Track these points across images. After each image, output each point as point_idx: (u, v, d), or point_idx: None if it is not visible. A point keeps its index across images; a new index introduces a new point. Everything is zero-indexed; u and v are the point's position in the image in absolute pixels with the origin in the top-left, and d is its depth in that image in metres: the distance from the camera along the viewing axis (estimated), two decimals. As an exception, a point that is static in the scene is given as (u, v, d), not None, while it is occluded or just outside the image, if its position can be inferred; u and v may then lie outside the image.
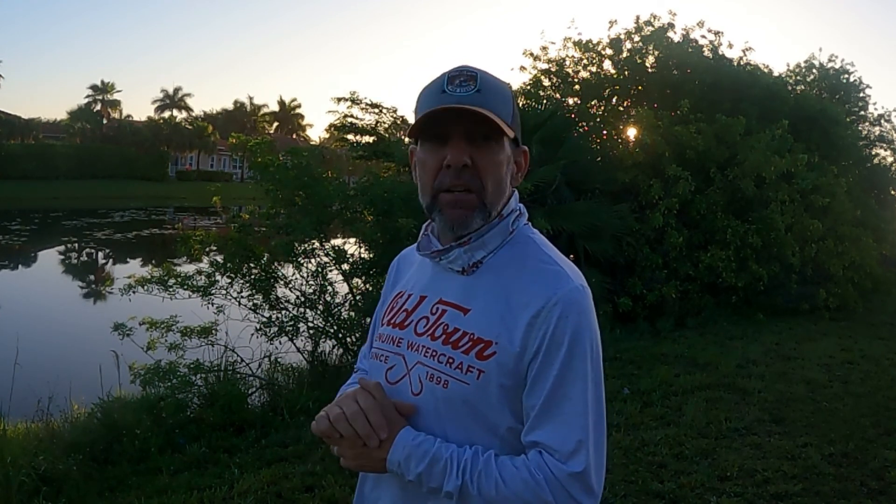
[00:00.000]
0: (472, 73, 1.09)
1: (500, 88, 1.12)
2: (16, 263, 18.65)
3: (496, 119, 1.06)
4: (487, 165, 1.09)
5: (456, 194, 1.09)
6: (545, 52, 11.45)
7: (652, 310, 8.26)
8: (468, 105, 1.05)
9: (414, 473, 1.06)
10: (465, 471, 1.03)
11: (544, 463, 1.03)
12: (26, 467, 3.78)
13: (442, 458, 1.05)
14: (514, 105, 1.14)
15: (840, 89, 16.01)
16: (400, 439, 1.07)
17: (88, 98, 56.11)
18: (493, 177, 1.10)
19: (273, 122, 73.41)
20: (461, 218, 1.10)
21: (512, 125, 1.11)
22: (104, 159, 45.31)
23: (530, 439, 1.06)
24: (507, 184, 1.14)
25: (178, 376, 4.97)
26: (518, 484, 1.02)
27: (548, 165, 7.68)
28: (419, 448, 1.06)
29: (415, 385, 1.12)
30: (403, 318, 1.19)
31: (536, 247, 1.15)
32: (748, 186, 8.76)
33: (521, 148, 1.19)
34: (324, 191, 6.14)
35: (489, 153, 1.09)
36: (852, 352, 7.08)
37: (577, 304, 1.07)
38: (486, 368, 1.07)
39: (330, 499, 3.47)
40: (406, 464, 1.06)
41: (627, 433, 4.42)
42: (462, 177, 1.08)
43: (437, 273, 1.18)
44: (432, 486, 1.05)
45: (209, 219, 19.16)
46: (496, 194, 1.12)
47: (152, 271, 5.83)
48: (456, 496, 1.03)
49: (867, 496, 3.63)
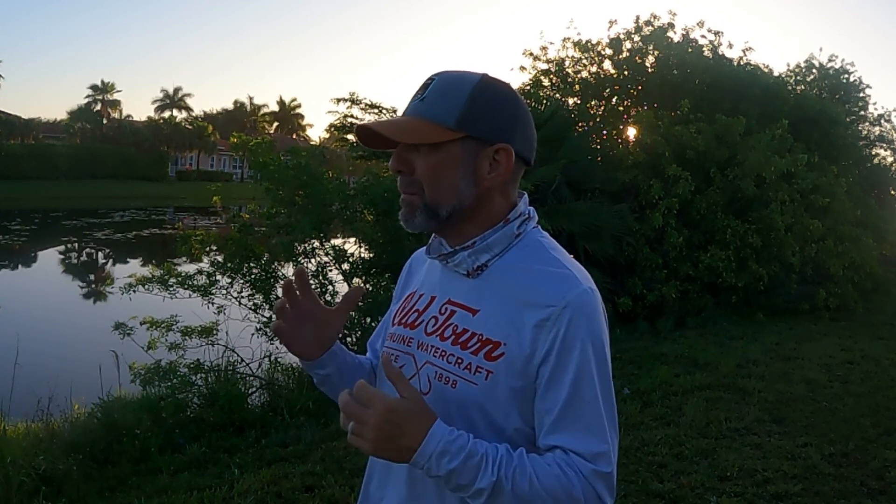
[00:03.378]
0: (430, 81, 1.15)
1: (452, 91, 1.12)
2: (16, 263, 18.65)
3: (414, 130, 1.11)
4: (422, 169, 1.14)
5: (405, 197, 1.16)
6: (545, 52, 11.46)
7: (652, 310, 8.27)
8: (398, 120, 1.14)
9: (445, 469, 1.00)
10: (500, 467, 1.01)
11: (572, 461, 1.04)
12: (26, 467, 3.78)
13: (478, 453, 1.01)
14: (470, 103, 1.11)
15: (840, 89, 16.03)
16: (436, 431, 1.02)
17: (88, 98, 56.29)
18: (429, 179, 1.13)
19: (273, 122, 73.48)
20: (406, 217, 1.16)
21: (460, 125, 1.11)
22: (104, 159, 45.30)
23: (551, 443, 1.05)
24: (456, 184, 1.13)
25: (179, 376, 4.97)
26: (551, 479, 1.02)
27: (548, 165, 7.68)
28: (455, 443, 1.01)
29: (423, 385, 1.13)
30: (415, 319, 1.20)
31: (545, 250, 1.16)
32: (748, 186, 8.76)
33: (494, 145, 1.14)
34: (324, 190, 6.14)
35: (423, 157, 1.13)
36: (852, 352, 7.08)
37: (587, 306, 1.07)
38: (494, 369, 1.07)
39: (330, 499, 3.46)
40: (440, 458, 1.00)
41: (627, 433, 4.42)
42: (403, 181, 1.15)
43: (447, 274, 1.19)
44: (461, 482, 1.01)
45: (209, 219, 19.14)
46: (437, 195, 1.13)
47: (153, 271, 5.84)
48: (488, 493, 1.01)
49: (867, 496, 3.63)
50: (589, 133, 10.09)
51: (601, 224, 7.96)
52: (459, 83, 1.13)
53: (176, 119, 56.38)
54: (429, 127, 1.11)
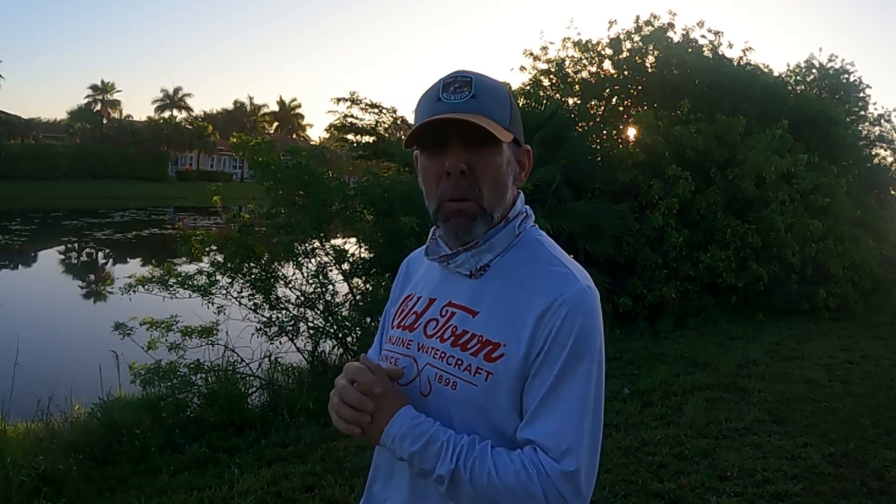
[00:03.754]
0: (467, 79, 1.10)
1: (496, 91, 1.12)
2: (16, 263, 18.65)
3: (491, 124, 1.07)
4: (485, 170, 1.10)
5: (457, 204, 1.10)
6: (545, 52, 11.47)
7: (652, 310, 8.26)
8: (461, 114, 1.06)
9: (408, 452, 1.05)
10: (459, 456, 1.03)
11: (538, 459, 1.03)
12: (26, 467, 3.78)
13: (438, 440, 1.04)
14: (511, 105, 1.14)
15: (840, 89, 16.03)
16: (400, 415, 1.07)
17: (88, 98, 56.27)
18: (491, 181, 1.11)
19: (273, 122, 73.48)
20: (464, 227, 1.11)
21: (510, 126, 1.12)
22: (104, 159, 45.29)
23: (524, 436, 1.06)
24: (508, 186, 1.15)
25: (178, 376, 4.97)
26: (510, 475, 1.02)
27: (548, 165, 7.68)
28: (417, 428, 1.06)
29: (424, 386, 1.13)
30: (413, 321, 1.20)
31: (544, 249, 1.16)
32: (748, 186, 8.77)
33: (522, 147, 1.19)
34: (324, 190, 6.14)
35: (486, 158, 1.10)
36: (852, 352, 7.08)
37: (583, 304, 1.07)
38: (494, 370, 1.07)
39: (330, 499, 3.46)
40: (401, 441, 1.06)
41: (627, 433, 4.42)
42: (460, 183, 1.09)
43: (446, 276, 1.19)
44: (424, 467, 1.05)
45: (209, 219, 19.15)
46: (496, 198, 1.12)
47: (152, 271, 5.83)
48: (448, 480, 1.03)
49: (867, 496, 3.63)
50: (589, 133, 10.10)
51: (601, 224, 7.96)
52: (496, 85, 1.13)
53: (176, 119, 56.37)
54: (496, 126, 1.09)
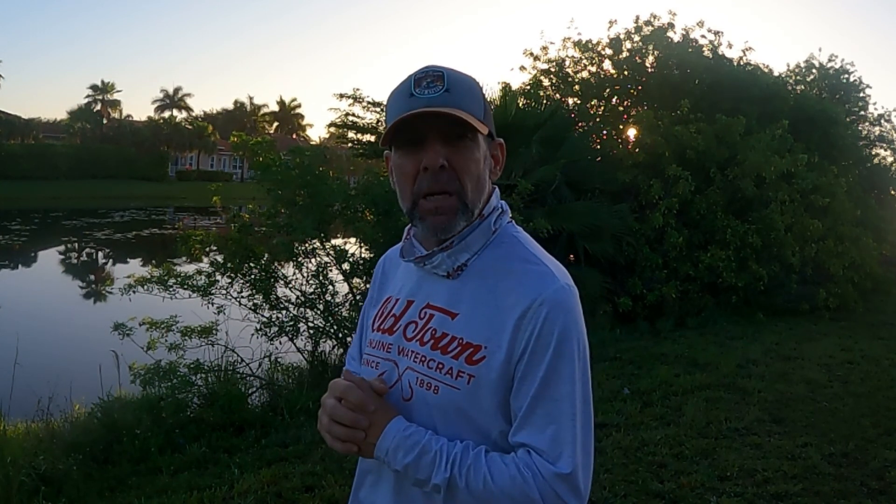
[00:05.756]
0: (439, 73, 1.07)
1: (468, 84, 1.10)
2: (16, 263, 18.63)
3: (468, 117, 1.06)
4: (465, 164, 1.08)
5: (436, 199, 1.07)
6: (545, 52, 11.48)
7: (652, 310, 8.26)
8: (438, 107, 1.04)
9: (401, 464, 1.04)
10: (454, 464, 1.02)
11: (532, 462, 1.02)
12: (26, 467, 3.78)
13: (431, 449, 1.03)
14: (483, 99, 1.12)
15: (840, 89, 16.03)
16: (390, 428, 1.06)
17: (88, 98, 56.22)
18: (471, 175, 1.09)
19: (273, 122, 73.47)
20: (444, 223, 1.08)
21: (484, 120, 1.10)
22: (104, 159, 45.29)
23: (517, 440, 1.04)
24: (486, 180, 1.13)
25: (178, 376, 4.97)
26: (506, 480, 1.01)
27: (548, 165, 7.68)
28: (409, 439, 1.05)
29: (405, 391, 1.11)
30: (392, 324, 1.18)
31: (521, 246, 1.14)
32: (748, 186, 8.76)
33: (496, 141, 1.17)
34: (326, 190, 6.13)
35: (465, 152, 1.08)
36: (852, 352, 7.07)
37: (563, 303, 1.05)
38: (476, 373, 1.05)
39: (330, 499, 3.47)
40: (394, 453, 1.04)
41: (627, 433, 4.42)
42: (440, 179, 1.06)
43: (423, 277, 1.16)
44: (420, 477, 1.03)
45: (209, 219, 19.16)
46: (476, 192, 1.10)
47: (152, 271, 5.83)
48: (444, 489, 1.02)
49: (867, 496, 3.63)
50: (589, 133, 10.10)
51: (601, 224, 7.96)
52: (467, 79, 1.11)
53: (176, 119, 56.36)
54: (473, 118, 1.07)
